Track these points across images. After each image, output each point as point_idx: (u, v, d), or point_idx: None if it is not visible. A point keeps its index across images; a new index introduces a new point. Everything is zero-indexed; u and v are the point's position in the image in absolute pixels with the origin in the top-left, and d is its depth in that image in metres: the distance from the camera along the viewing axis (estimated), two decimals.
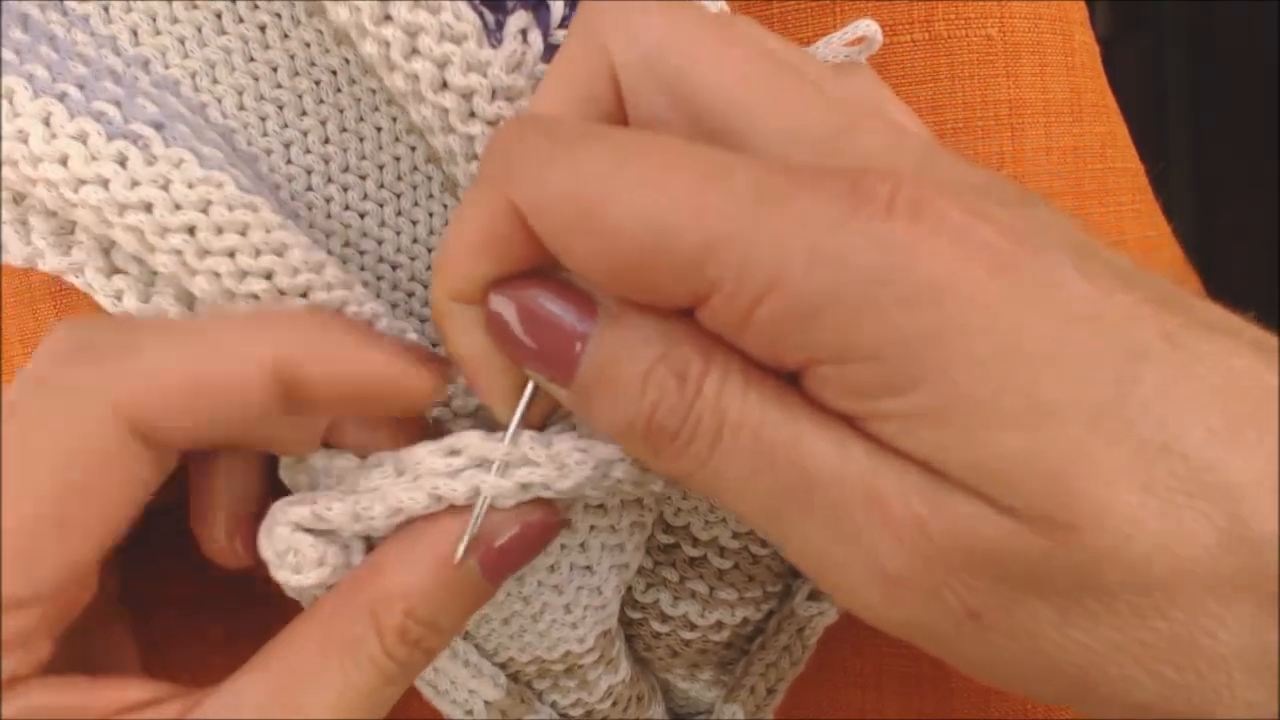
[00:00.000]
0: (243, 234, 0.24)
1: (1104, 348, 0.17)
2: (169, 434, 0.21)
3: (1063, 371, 0.17)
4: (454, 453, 0.22)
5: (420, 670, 0.23)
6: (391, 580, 0.22)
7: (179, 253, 0.24)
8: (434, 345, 0.30)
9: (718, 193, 0.18)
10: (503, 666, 0.29)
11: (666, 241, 0.18)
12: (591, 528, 0.27)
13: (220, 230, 0.24)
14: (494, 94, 0.24)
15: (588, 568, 0.27)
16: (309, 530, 0.22)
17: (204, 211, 0.24)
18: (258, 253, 0.24)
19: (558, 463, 0.22)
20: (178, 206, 0.23)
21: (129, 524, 0.22)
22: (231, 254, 0.24)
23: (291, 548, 0.22)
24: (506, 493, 0.22)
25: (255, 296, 0.24)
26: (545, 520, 0.23)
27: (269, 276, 0.24)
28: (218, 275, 0.24)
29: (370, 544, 0.23)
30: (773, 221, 0.18)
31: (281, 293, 0.24)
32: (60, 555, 0.21)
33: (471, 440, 0.22)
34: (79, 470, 0.20)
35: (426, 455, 0.22)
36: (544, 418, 0.24)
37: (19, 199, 0.25)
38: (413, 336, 0.26)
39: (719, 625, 0.30)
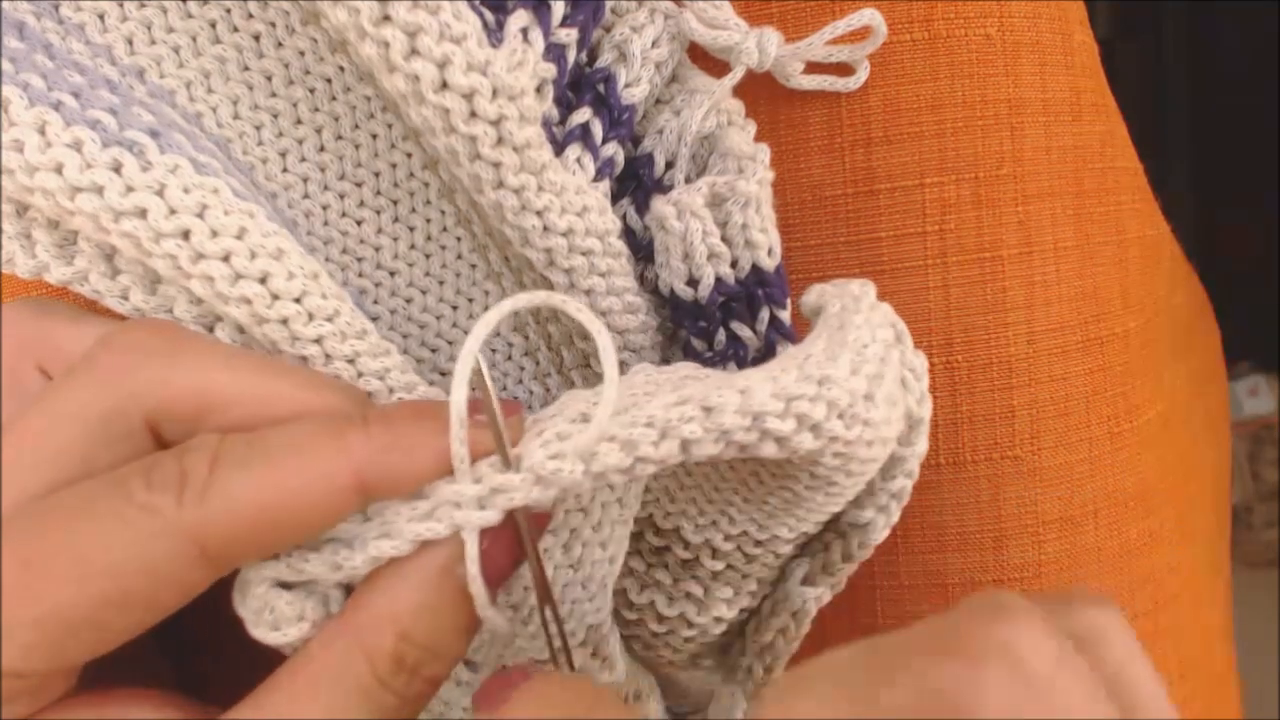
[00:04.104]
0: (239, 237, 0.24)
1: None
2: (239, 560, 0.21)
3: None
4: (420, 497, 0.21)
5: (425, 703, 0.22)
6: (379, 603, 0.21)
7: (172, 257, 0.23)
8: (433, 350, 0.30)
9: None
10: None
11: None
12: (572, 530, 0.27)
13: (216, 234, 0.23)
14: (495, 93, 0.24)
15: (571, 566, 0.27)
16: (284, 585, 0.22)
17: (200, 216, 0.23)
18: (253, 255, 0.24)
19: (534, 477, 0.21)
20: (173, 211, 0.23)
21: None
22: (226, 257, 0.23)
23: (267, 605, 0.21)
24: (490, 519, 0.21)
25: (247, 300, 0.24)
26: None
27: (264, 280, 0.24)
28: (211, 279, 0.23)
29: (349, 590, 0.22)
30: None
31: (276, 296, 0.24)
32: (89, 650, 0.20)
33: (438, 488, 0.21)
34: (133, 580, 0.20)
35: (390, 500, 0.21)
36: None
37: (22, 211, 0.25)
38: (398, 358, 0.26)
39: (718, 620, 0.30)
